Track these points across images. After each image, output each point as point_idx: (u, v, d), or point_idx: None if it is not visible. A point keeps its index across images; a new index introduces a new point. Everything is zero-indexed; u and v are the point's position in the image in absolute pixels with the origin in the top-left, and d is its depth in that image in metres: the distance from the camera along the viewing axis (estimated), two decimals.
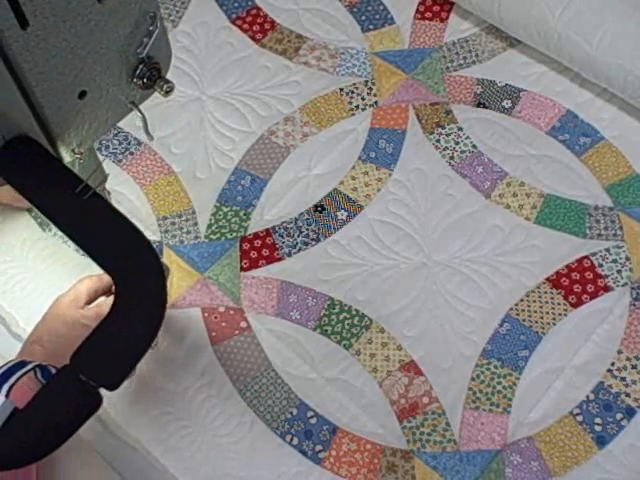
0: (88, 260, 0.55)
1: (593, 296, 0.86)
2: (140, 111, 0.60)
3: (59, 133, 0.56)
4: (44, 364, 0.60)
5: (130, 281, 0.53)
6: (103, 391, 0.50)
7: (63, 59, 0.51)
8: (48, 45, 0.50)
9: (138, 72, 0.58)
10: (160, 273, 0.53)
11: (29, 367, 0.59)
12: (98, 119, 0.59)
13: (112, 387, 0.50)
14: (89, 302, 0.74)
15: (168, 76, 1.05)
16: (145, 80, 0.58)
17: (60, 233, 0.85)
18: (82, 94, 0.55)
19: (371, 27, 1.05)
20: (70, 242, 0.87)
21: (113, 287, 0.54)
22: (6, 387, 0.56)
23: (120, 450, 0.79)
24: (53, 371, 0.59)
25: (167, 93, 0.59)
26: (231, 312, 0.86)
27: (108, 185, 0.94)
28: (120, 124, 0.98)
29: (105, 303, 0.76)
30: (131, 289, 0.52)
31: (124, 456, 0.79)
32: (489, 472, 0.79)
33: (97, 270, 0.64)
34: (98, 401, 0.51)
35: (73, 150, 0.59)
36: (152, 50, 0.57)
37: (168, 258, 0.89)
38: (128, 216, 0.92)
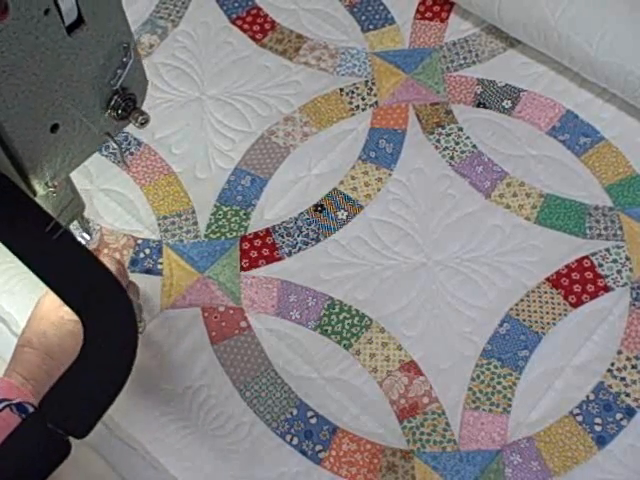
0: None
1: (593, 296, 0.86)
2: (116, 142, 0.59)
3: (31, 167, 0.55)
4: (18, 401, 0.58)
5: (100, 325, 0.51)
6: None
7: (33, 93, 0.50)
8: (17, 80, 0.48)
9: (112, 103, 0.57)
10: (131, 316, 0.52)
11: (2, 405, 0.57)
12: (72, 151, 0.58)
13: (81, 435, 0.49)
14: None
15: (169, 78, 1.06)
16: (120, 111, 0.57)
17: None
18: (54, 127, 0.54)
19: (371, 27, 1.05)
20: None
21: None
22: None
23: (120, 450, 0.79)
24: (30, 409, 0.57)
25: (142, 125, 0.58)
26: (231, 312, 0.86)
27: (108, 185, 0.94)
28: None
29: None
30: (101, 334, 0.51)
31: (124, 456, 0.79)
32: (489, 472, 0.79)
33: None
34: (67, 449, 0.49)
35: (47, 183, 0.58)
36: (126, 81, 0.56)
37: (168, 258, 0.89)
38: (128, 217, 0.93)
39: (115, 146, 0.60)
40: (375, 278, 0.88)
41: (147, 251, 0.90)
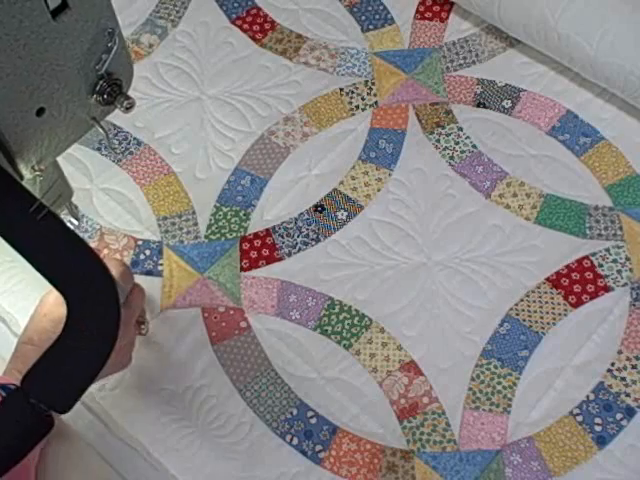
0: None
1: (593, 296, 0.86)
2: (102, 127, 0.60)
3: (17, 150, 0.55)
4: (2, 383, 0.59)
5: (82, 302, 0.52)
6: (107, 391, 0.50)
7: (18, 77, 0.51)
8: (1, 63, 0.49)
9: (98, 88, 0.57)
10: (114, 294, 0.52)
11: None
12: (58, 136, 0.58)
13: (63, 410, 0.50)
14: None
15: (169, 77, 1.06)
16: (105, 96, 0.58)
17: None
18: (40, 111, 0.54)
19: (371, 27, 1.05)
20: None
21: None
22: None
23: (120, 451, 0.79)
24: (12, 388, 0.58)
25: (127, 110, 0.59)
26: (231, 312, 0.87)
27: (108, 184, 0.94)
28: (120, 124, 0.98)
29: None
30: (83, 310, 0.52)
31: (124, 457, 0.79)
32: (489, 472, 0.79)
33: None
34: (49, 424, 0.50)
35: (33, 167, 0.58)
36: (112, 66, 0.56)
37: (168, 259, 0.89)
38: (128, 216, 0.93)
39: (102, 132, 0.61)
40: (375, 278, 0.88)
41: (147, 252, 0.90)
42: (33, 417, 0.50)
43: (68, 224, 0.75)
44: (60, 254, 0.54)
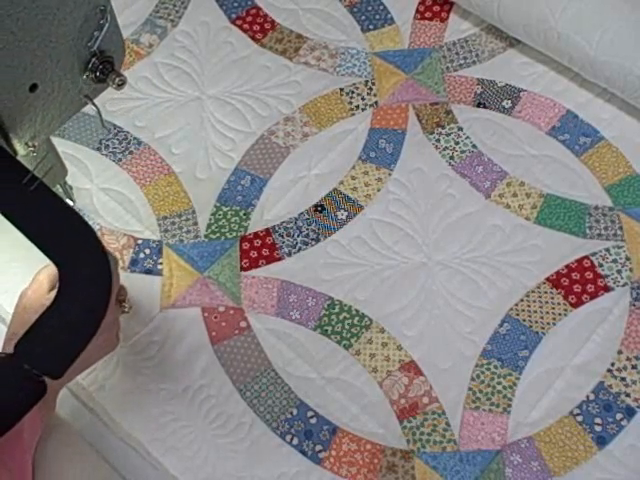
0: None
1: (593, 296, 0.86)
2: (94, 105, 0.61)
3: (10, 126, 0.56)
4: None
5: (74, 268, 0.53)
6: (107, 390, 0.50)
7: (11, 52, 0.51)
8: None
9: (90, 66, 0.58)
10: (105, 261, 0.53)
11: None
12: (51, 112, 0.59)
13: (56, 375, 0.51)
14: (52, 288, 0.75)
15: (169, 77, 1.06)
16: (98, 74, 0.59)
17: None
18: (33, 87, 0.55)
19: (371, 27, 1.05)
20: None
21: None
22: None
23: (120, 450, 0.79)
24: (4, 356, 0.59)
25: (119, 86, 0.59)
26: (231, 312, 0.86)
27: (108, 184, 0.94)
28: (120, 124, 0.98)
29: None
30: (75, 276, 0.53)
31: (124, 456, 0.79)
32: (489, 472, 0.79)
33: None
34: (43, 389, 0.51)
35: (27, 143, 0.59)
36: (104, 44, 0.57)
37: (168, 258, 0.89)
38: (128, 216, 0.93)
39: (94, 108, 0.62)
40: (375, 278, 0.88)
41: (147, 251, 0.90)
42: (26, 382, 0.51)
43: None
44: (52, 223, 0.55)
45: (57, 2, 0.52)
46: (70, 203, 0.79)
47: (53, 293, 0.74)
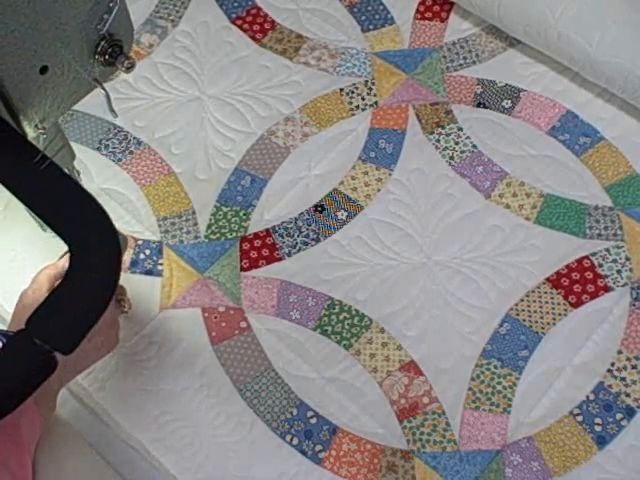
0: None
1: (593, 296, 0.86)
2: (103, 88, 0.61)
3: (21, 108, 0.57)
4: (3, 330, 0.60)
5: (84, 246, 0.53)
6: (107, 391, 0.50)
7: (22, 34, 0.52)
8: (6, 20, 0.50)
9: (99, 49, 0.58)
10: (114, 238, 0.54)
11: None
12: (61, 95, 0.59)
13: (67, 351, 0.51)
14: (52, 288, 0.75)
15: (169, 77, 1.06)
16: (107, 57, 0.59)
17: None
18: (43, 69, 0.56)
19: (371, 27, 1.05)
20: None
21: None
22: None
23: (120, 451, 0.79)
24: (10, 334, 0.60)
25: (128, 70, 0.60)
26: (231, 312, 0.86)
27: (108, 185, 0.94)
28: (120, 124, 0.98)
29: None
30: (85, 254, 0.53)
31: (124, 457, 0.79)
32: (489, 472, 0.79)
33: None
34: (54, 365, 0.51)
35: (36, 125, 0.60)
36: (113, 27, 0.58)
37: (168, 258, 0.89)
38: (128, 217, 0.93)
39: (103, 95, 0.62)
40: (375, 278, 0.88)
41: (147, 252, 0.90)
42: (37, 357, 0.51)
43: None
44: (62, 201, 0.55)
45: None
46: None
47: None
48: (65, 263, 0.75)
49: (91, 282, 0.52)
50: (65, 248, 0.76)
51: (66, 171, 0.75)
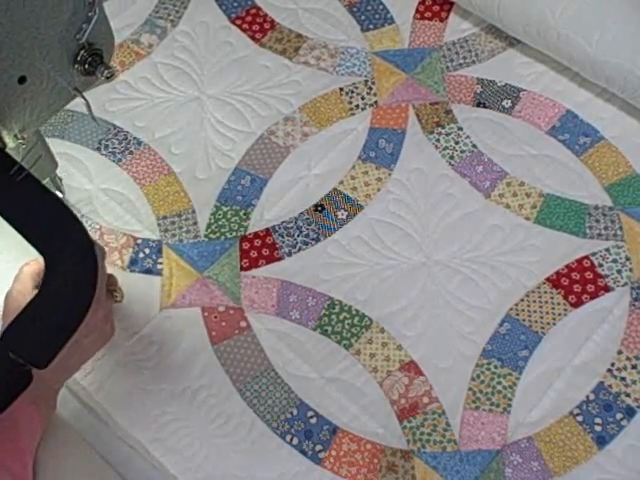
0: None
1: (593, 296, 0.86)
2: (84, 97, 0.61)
3: None
4: None
5: (60, 259, 0.53)
6: (107, 391, 0.50)
7: (0, 43, 0.51)
8: None
9: (79, 58, 0.58)
10: (91, 250, 0.54)
11: None
12: (40, 104, 0.59)
13: (42, 365, 0.50)
14: (36, 285, 0.75)
15: (168, 77, 1.06)
16: (86, 66, 0.59)
17: None
18: (22, 79, 0.55)
19: (371, 27, 1.05)
20: None
21: None
22: None
23: (120, 451, 0.79)
24: None
25: (108, 79, 0.60)
26: (231, 312, 0.86)
27: (108, 185, 0.94)
28: (120, 124, 0.98)
29: None
30: (61, 267, 0.53)
31: (124, 457, 0.79)
32: (489, 472, 0.79)
33: None
34: (28, 379, 0.51)
35: (16, 135, 0.60)
36: (92, 36, 0.58)
37: (168, 257, 0.89)
38: (128, 217, 0.93)
39: (84, 101, 0.62)
40: (375, 278, 0.88)
41: (147, 251, 0.90)
42: (12, 371, 0.51)
43: None
44: (38, 213, 0.55)
45: None
46: (59, 195, 0.79)
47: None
48: None
49: (67, 294, 0.52)
50: None
51: (47, 180, 0.75)
